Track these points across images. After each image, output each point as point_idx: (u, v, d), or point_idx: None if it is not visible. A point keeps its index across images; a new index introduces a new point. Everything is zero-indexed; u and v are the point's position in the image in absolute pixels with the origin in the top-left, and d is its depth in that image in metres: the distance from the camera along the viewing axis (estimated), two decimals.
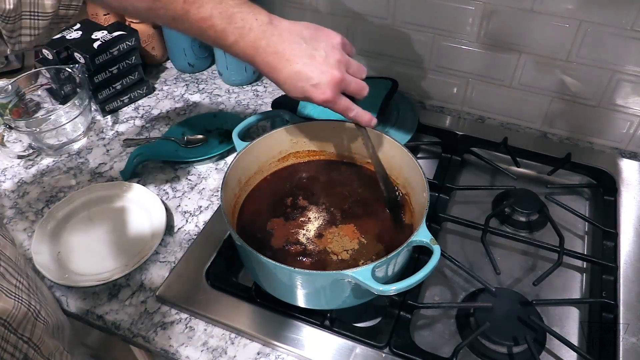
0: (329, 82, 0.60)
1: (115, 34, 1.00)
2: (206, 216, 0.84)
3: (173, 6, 0.56)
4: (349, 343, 0.66)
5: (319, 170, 0.80)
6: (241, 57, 0.60)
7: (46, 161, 0.95)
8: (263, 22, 0.59)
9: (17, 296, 0.48)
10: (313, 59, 0.60)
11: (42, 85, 1.03)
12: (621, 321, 0.68)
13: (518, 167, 0.90)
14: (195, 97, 1.09)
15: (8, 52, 0.58)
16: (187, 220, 0.83)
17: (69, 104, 0.91)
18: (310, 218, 0.73)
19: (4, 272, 0.48)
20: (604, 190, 0.86)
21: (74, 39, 1.01)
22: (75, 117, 0.93)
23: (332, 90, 0.61)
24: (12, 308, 0.47)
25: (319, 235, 0.71)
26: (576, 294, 0.75)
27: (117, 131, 1.01)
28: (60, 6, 0.57)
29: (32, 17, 0.56)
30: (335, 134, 0.79)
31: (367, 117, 0.67)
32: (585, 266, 0.78)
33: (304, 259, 0.68)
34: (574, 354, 0.67)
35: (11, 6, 0.54)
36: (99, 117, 1.04)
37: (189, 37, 0.61)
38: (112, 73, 1.01)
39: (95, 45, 0.97)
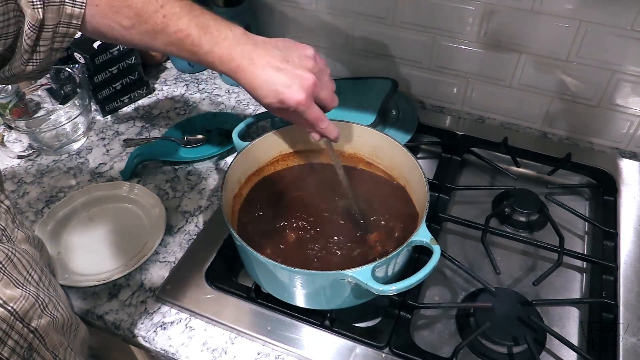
0: (302, 85, 0.61)
1: None
2: (206, 216, 0.84)
3: (153, 20, 0.59)
4: (349, 343, 0.66)
5: (319, 170, 0.80)
6: (217, 65, 0.61)
7: (46, 161, 0.95)
8: (237, 33, 0.61)
9: (25, 287, 0.49)
10: (286, 64, 0.62)
11: (42, 85, 1.03)
12: (621, 321, 0.68)
13: (518, 167, 0.90)
14: (195, 97, 1.09)
15: (20, 69, 0.59)
16: (187, 220, 0.83)
17: (69, 104, 0.91)
18: (310, 218, 0.73)
19: (17, 263, 0.49)
20: (604, 190, 0.86)
21: (74, 38, 1.01)
22: (75, 117, 0.93)
23: (305, 92, 0.62)
24: (20, 297, 0.48)
25: (320, 234, 0.71)
26: (576, 294, 0.75)
27: (117, 131, 1.01)
28: (61, 23, 0.58)
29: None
30: None
31: (336, 131, 0.68)
32: (585, 266, 0.78)
33: (304, 259, 0.68)
34: (574, 354, 0.67)
35: (41, 16, 0.56)
36: (99, 117, 1.04)
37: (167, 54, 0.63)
38: (112, 73, 1.01)
39: (95, 45, 0.97)
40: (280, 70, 0.61)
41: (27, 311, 0.48)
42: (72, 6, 0.57)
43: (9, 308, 0.47)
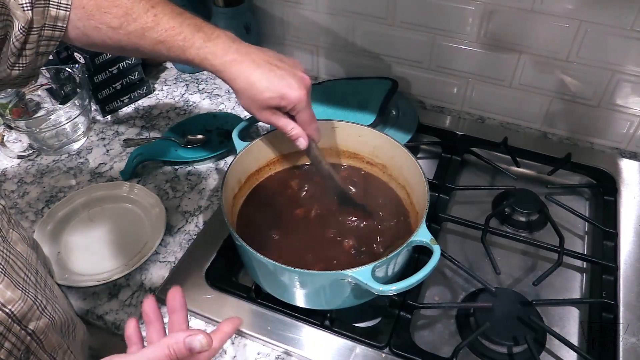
0: (303, 83, 0.62)
1: None
2: (206, 216, 0.84)
3: (143, 19, 0.58)
4: (349, 343, 0.66)
5: (319, 170, 0.80)
6: (210, 59, 0.60)
7: (46, 161, 0.95)
8: (230, 35, 0.62)
9: (24, 289, 0.49)
10: (283, 64, 0.63)
11: (42, 85, 1.03)
12: (621, 321, 0.68)
13: (518, 167, 0.90)
14: (195, 97, 1.09)
15: (6, 74, 0.58)
16: (187, 220, 0.83)
17: (69, 104, 0.91)
18: (310, 218, 0.73)
19: (13, 265, 0.49)
20: (604, 190, 0.86)
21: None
22: (75, 117, 0.93)
23: (306, 90, 0.62)
24: (19, 299, 0.48)
25: (319, 234, 0.71)
26: (576, 294, 0.75)
27: (117, 131, 1.01)
28: (46, 25, 0.57)
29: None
30: (335, 134, 0.79)
31: (320, 133, 0.69)
32: (585, 266, 0.78)
33: (304, 259, 0.68)
34: (574, 354, 0.67)
35: (30, 17, 0.55)
36: (99, 117, 1.04)
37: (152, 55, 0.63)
38: (112, 73, 1.01)
39: None
40: (280, 68, 0.61)
41: (25, 314, 0.48)
42: (57, 8, 0.57)
43: (7, 310, 0.46)
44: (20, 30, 0.55)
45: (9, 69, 0.57)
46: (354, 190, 0.76)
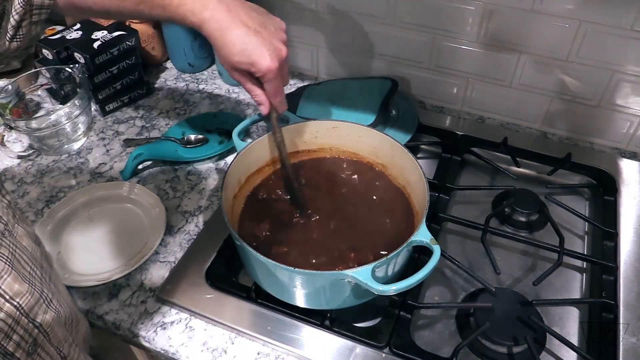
0: (277, 54, 0.62)
1: (115, 34, 1.00)
2: (206, 216, 0.84)
3: None
4: (349, 343, 0.66)
5: (318, 170, 0.80)
6: (189, 16, 0.60)
7: (46, 161, 0.95)
8: None
9: (30, 282, 0.49)
10: (263, 29, 0.62)
11: (42, 85, 1.03)
12: (621, 321, 0.68)
13: (518, 167, 0.90)
14: (195, 97, 1.09)
15: (5, 48, 0.60)
16: (187, 220, 0.83)
17: (69, 104, 0.91)
18: (310, 218, 0.73)
19: (20, 259, 0.49)
20: (604, 190, 0.86)
21: (74, 39, 1.01)
22: (75, 117, 0.93)
23: (278, 62, 0.62)
24: (26, 292, 0.48)
25: (319, 234, 0.71)
26: (576, 294, 0.75)
27: (117, 131, 1.01)
28: None
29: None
30: (335, 134, 0.79)
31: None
32: (585, 266, 0.78)
33: (303, 259, 0.68)
34: (574, 354, 0.67)
35: None
36: (99, 117, 1.04)
37: (142, 17, 0.64)
38: (112, 73, 1.01)
39: (95, 45, 0.97)
40: (257, 34, 0.61)
41: (33, 307, 0.49)
42: None
43: (15, 303, 0.47)
44: (20, 4, 0.57)
45: (8, 42, 0.60)
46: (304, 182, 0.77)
